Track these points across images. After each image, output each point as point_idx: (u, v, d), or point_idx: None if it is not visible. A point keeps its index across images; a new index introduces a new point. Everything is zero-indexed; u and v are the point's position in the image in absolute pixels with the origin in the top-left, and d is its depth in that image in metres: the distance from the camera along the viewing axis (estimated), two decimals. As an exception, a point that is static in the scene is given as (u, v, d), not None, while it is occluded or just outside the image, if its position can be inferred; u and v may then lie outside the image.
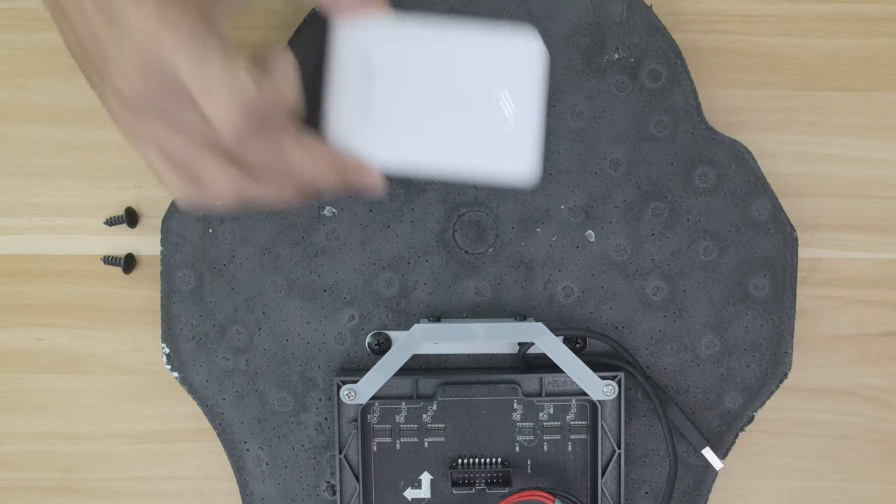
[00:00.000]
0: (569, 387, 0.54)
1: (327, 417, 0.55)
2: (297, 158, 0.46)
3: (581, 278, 0.54)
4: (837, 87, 0.56)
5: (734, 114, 0.56)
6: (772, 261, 0.54)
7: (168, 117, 0.45)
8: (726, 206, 0.54)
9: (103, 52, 0.44)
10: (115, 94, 0.45)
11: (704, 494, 0.55)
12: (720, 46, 0.56)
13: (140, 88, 0.44)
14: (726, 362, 0.55)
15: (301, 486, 0.55)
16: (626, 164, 0.54)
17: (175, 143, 0.46)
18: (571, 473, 0.54)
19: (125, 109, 0.45)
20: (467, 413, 0.54)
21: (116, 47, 0.43)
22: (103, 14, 0.43)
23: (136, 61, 0.43)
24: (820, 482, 0.58)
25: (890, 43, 0.56)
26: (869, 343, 0.57)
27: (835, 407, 0.58)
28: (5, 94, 0.56)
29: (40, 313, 0.57)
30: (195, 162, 0.46)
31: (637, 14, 0.53)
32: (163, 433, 0.57)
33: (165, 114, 0.45)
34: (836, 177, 0.57)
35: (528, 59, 0.48)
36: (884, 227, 0.57)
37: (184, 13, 0.43)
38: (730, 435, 0.55)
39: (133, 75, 0.43)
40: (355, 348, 0.55)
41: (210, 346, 0.54)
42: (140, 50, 0.43)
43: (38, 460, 0.58)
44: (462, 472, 0.54)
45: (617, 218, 0.54)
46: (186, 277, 0.54)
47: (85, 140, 0.56)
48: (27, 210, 0.57)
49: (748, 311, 0.54)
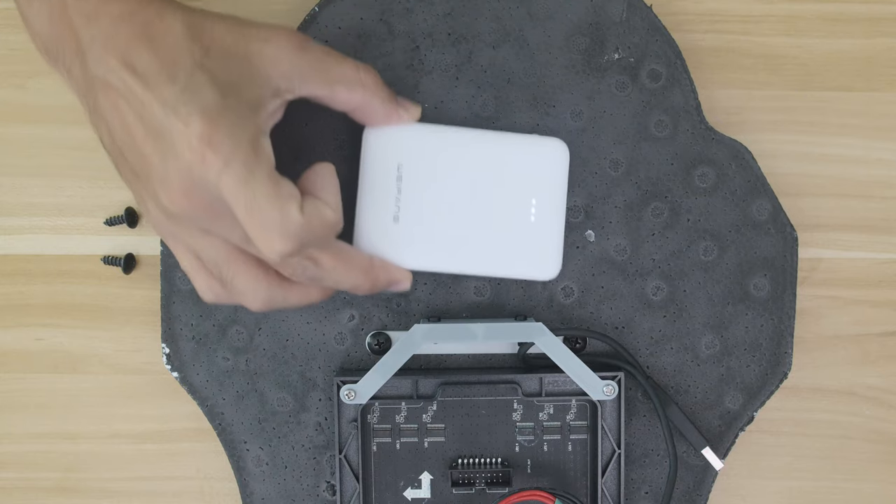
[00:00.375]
0: (569, 387, 0.54)
1: (327, 417, 0.55)
2: (331, 268, 0.48)
3: (581, 278, 0.55)
4: (837, 87, 0.57)
5: (734, 114, 0.57)
6: (772, 261, 0.55)
7: (207, 230, 0.46)
8: (726, 206, 0.55)
9: (145, 164, 0.44)
10: (155, 202, 0.45)
11: (704, 494, 0.56)
12: (720, 46, 0.56)
13: (184, 207, 0.44)
14: (726, 362, 0.55)
15: (301, 486, 0.56)
16: (625, 164, 0.54)
17: (209, 251, 0.47)
18: (571, 473, 0.55)
19: (164, 217, 0.46)
20: (467, 413, 0.54)
21: (160, 163, 0.43)
22: (147, 128, 0.43)
23: (182, 182, 0.43)
24: (820, 482, 0.59)
25: (890, 43, 0.57)
26: (869, 343, 0.58)
27: (835, 407, 0.58)
28: (5, 94, 0.57)
29: (40, 313, 0.57)
30: (227, 269, 0.47)
31: (637, 14, 0.54)
32: (163, 433, 0.58)
33: (204, 227, 0.46)
34: (836, 177, 0.57)
35: (553, 163, 0.52)
36: (884, 227, 0.57)
37: (231, 136, 0.43)
38: (730, 435, 0.55)
39: (177, 193, 0.44)
40: (355, 348, 0.55)
41: (210, 346, 0.55)
42: (186, 170, 0.43)
43: (38, 460, 0.58)
44: (462, 472, 0.54)
45: (617, 218, 0.55)
46: (186, 277, 0.54)
47: (85, 140, 0.57)
48: (27, 210, 0.57)
49: (748, 310, 0.55)
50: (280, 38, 0.46)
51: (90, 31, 0.43)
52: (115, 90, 0.43)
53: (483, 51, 0.54)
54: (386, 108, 0.50)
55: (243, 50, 0.45)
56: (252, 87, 0.45)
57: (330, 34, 0.54)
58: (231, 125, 0.43)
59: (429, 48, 0.54)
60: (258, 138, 0.44)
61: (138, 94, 0.43)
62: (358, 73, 0.48)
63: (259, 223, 0.43)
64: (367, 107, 0.49)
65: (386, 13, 0.54)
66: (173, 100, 0.42)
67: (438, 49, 0.54)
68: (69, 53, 0.45)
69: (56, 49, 0.45)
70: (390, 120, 0.51)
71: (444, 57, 0.54)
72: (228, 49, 0.44)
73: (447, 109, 0.54)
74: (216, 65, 0.44)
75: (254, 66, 0.45)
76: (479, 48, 0.54)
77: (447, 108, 0.54)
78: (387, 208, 0.52)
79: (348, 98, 0.49)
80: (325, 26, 0.53)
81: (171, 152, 0.43)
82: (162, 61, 0.43)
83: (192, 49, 0.43)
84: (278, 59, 0.46)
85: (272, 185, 0.44)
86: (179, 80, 0.43)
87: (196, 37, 0.44)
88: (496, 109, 0.54)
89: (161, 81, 0.43)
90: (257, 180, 0.43)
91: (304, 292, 0.49)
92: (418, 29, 0.54)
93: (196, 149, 0.42)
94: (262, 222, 0.43)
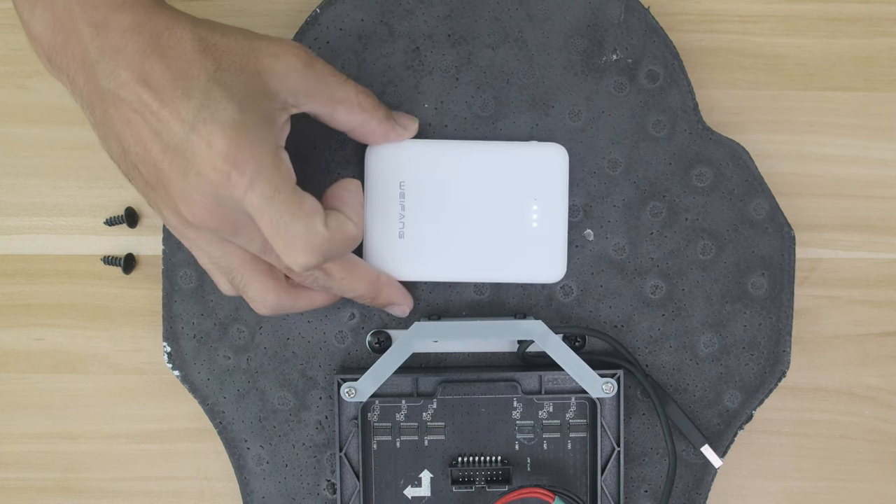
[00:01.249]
0: (568, 385, 0.56)
1: (328, 416, 0.57)
2: (340, 278, 0.51)
3: (580, 277, 0.56)
4: (837, 87, 0.58)
5: (733, 114, 0.58)
6: (770, 260, 0.56)
7: (225, 239, 0.48)
8: (724, 205, 0.56)
9: (162, 178, 0.45)
10: (173, 213, 0.47)
11: (704, 493, 0.57)
12: (719, 46, 0.58)
13: (205, 221, 0.46)
14: (725, 361, 0.57)
15: (301, 485, 0.57)
16: (624, 163, 0.56)
17: (224, 258, 0.49)
18: (571, 471, 0.56)
19: (182, 225, 0.47)
20: (467, 411, 0.56)
21: (180, 179, 0.44)
22: (165, 145, 0.44)
23: (205, 199, 0.45)
24: (820, 482, 0.60)
25: (890, 43, 0.58)
26: (869, 343, 0.59)
27: (835, 407, 0.59)
28: (5, 94, 0.58)
29: (40, 313, 0.59)
30: (240, 276, 0.49)
31: (635, 15, 0.55)
32: (163, 433, 0.59)
33: (223, 237, 0.48)
34: (836, 177, 0.58)
35: (553, 168, 0.54)
36: (884, 227, 0.58)
37: (254, 155, 0.44)
38: (729, 433, 0.57)
39: (199, 208, 0.45)
40: (356, 347, 0.57)
41: (211, 345, 0.57)
42: (210, 189, 0.44)
43: (38, 460, 0.59)
44: (462, 470, 0.56)
45: (615, 217, 0.56)
46: (188, 276, 0.56)
47: (85, 140, 0.58)
48: (27, 210, 0.58)
49: (746, 309, 0.56)
50: (290, 54, 0.47)
51: (98, 42, 0.44)
52: (128, 104, 0.44)
53: (483, 52, 0.56)
54: (383, 128, 0.52)
55: (253, 65, 0.46)
56: (265, 101, 0.46)
57: (331, 35, 0.55)
58: (252, 142, 0.44)
59: (429, 49, 0.55)
60: (278, 153, 0.46)
61: (154, 110, 0.44)
62: (358, 95, 0.50)
63: (285, 239, 0.45)
64: (364, 126, 0.51)
65: (386, 15, 0.55)
66: (192, 117, 0.43)
67: (438, 50, 0.56)
68: (74, 63, 0.45)
69: (59, 57, 0.46)
70: (388, 138, 0.53)
71: (444, 58, 0.56)
72: (239, 63, 0.45)
73: (447, 110, 0.56)
74: (230, 79, 0.45)
75: (263, 81, 0.46)
76: (478, 49, 0.55)
77: (447, 109, 0.56)
78: (392, 225, 0.54)
79: (347, 118, 0.51)
80: (326, 27, 0.55)
81: (192, 170, 0.44)
82: (175, 75, 0.44)
83: (204, 63, 0.44)
84: (287, 76, 0.47)
85: (296, 201, 0.45)
86: (196, 96, 0.43)
87: (206, 50, 0.45)
88: (496, 110, 0.56)
89: (177, 97, 0.43)
90: (282, 197, 0.44)
91: (311, 299, 0.52)
92: (418, 30, 0.55)
93: (221, 169, 0.43)
94: (288, 238, 0.45)
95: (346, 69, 0.56)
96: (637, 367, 0.55)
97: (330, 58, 0.55)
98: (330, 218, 0.47)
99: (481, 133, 0.56)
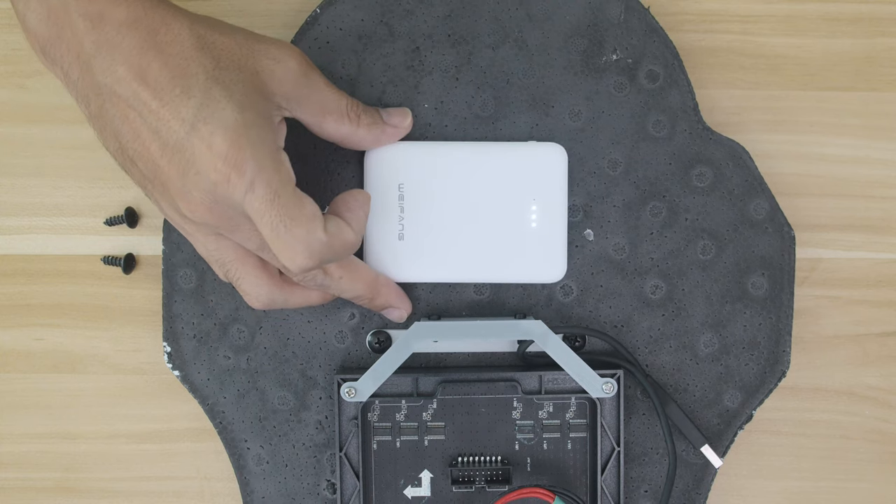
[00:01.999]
0: (568, 384, 0.56)
1: (328, 416, 0.58)
2: (338, 278, 0.51)
3: (580, 277, 0.57)
4: (837, 87, 0.59)
5: (733, 114, 0.58)
6: (769, 260, 0.57)
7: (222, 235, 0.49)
8: (724, 205, 0.57)
9: (161, 174, 0.45)
10: (171, 207, 0.47)
11: (704, 493, 0.58)
12: (719, 46, 0.58)
13: (204, 218, 0.46)
14: (725, 361, 0.57)
15: (301, 485, 0.58)
16: (624, 163, 0.57)
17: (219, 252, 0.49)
18: (571, 471, 0.57)
19: (180, 218, 0.48)
20: (467, 411, 0.57)
21: (179, 177, 0.45)
22: (164, 143, 0.44)
23: (204, 197, 0.45)
24: (820, 482, 0.60)
25: (890, 43, 0.58)
26: (869, 343, 0.60)
27: (835, 407, 0.60)
28: (5, 94, 0.58)
29: (40, 313, 0.59)
30: (234, 270, 0.50)
31: (635, 16, 0.56)
32: (163, 433, 0.60)
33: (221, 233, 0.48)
34: (836, 177, 0.59)
35: (552, 168, 0.55)
36: (884, 227, 0.59)
37: (254, 157, 0.44)
38: (729, 433, 0.58)
39: (198, 206, 0.46)
40: (356, 346, 0.57)
41: (211, 345, 0.57)
42: (209, 189, 0.45)
43: (38, 460, 0.60)
44: (462, 470, 0.57)
45: (615, 217, 0.57)
46: (188, 276, 0.57)
47: (85, 140, 0.58)
48: (27, 210, 0.59)
49: (746, 309, 0.57)
50: (289, 59, 0.48)
51: (93, 37, 0.44)
52: (125, 101, 0.44)
53: (483, 52, 0.56)
54: (373, 134, 0.53)
55: (252, 65, 0.46)
56: (262, 102, 0.46)
57: (331, 35, 0.56)
58: (253, 144, 0.44)
59: (429, 49, 0.56)
60: (277, 154, 0.46)
61: (153, 109, 0.44)
62: (348, 107, 0.51)
63: (283, 242, 0.46)
64: (353, 136, 0.52)
65: (386, 14, 0.56)
66: (191, 116, 0.44)
67: (438, 50, 0.56)
68: (69, 56, 0.45)
69: (54, 50, 0.46)
70: (380, 142, 0.54)
71: (444, 58, 0.56)
72: (238, 62, 0.46)
73: (447, 110, 0.57)
74: (228, 77, 0.45)
75: (261, 82, 0.47)
76: (478, 49, 0.56)
77: (447, 109, 0.57)
78: (392, 227, 0.55)
79: (335, 129, 0.51)
80: (326, 27, 0.56)
81: (191, 169, 0.44)
82: (173, 72, 0.44)
83: (202, 60, 0.44)
84: (284, 80, 0.48)
85: (297, 204, 0.46)
86: (195, 95, 0.44)
87: (205, 47, 0.45)
88: (496, 110, 0.57)
89: (176, 95, 0.44)
90: (282, 199, 0.45)
91: (305, 296, 0.53)
92: (418, 30, 0.56)
93: (221, 170, 0.44)
94: (287, 240, 0.45)
95: (346, 69, 0.56)
96: (637, 367, 0.56)
97: (330, 58, 0.56)
98: (329, 223, 0.47)
99: (481, 133, 0.57)
